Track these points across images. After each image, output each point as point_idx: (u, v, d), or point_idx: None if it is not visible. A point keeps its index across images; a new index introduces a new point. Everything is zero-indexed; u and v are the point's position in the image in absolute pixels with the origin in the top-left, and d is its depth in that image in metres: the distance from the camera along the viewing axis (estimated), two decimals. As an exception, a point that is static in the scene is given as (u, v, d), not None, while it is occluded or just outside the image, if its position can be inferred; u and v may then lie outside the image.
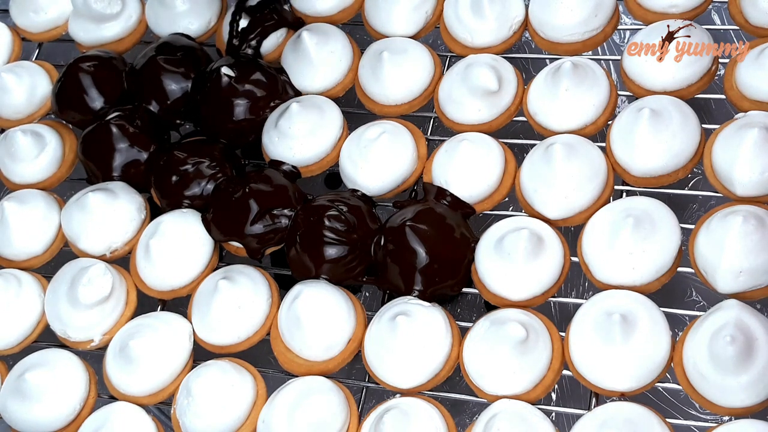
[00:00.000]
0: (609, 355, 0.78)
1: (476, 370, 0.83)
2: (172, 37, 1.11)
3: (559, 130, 0.93)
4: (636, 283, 0.82)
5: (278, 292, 0.94)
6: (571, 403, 0.88)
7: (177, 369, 0.91)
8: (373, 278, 0.92)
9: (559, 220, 0.89)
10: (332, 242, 0.90)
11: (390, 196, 0.97)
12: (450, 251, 0.89)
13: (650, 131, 0.87)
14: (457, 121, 0.98)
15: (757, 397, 0.74)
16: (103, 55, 1.12)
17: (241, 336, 0.91)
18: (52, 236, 1.03)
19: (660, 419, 0.76)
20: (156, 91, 1.07)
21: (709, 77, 0.92)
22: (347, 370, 0.92)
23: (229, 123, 1.03)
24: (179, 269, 0.96)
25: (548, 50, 1.01)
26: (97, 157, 1.05)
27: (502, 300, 0.86)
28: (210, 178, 1.00)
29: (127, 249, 1.00)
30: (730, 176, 0.84)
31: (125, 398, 0.91)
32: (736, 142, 0.84)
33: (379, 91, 1.01)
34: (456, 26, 1.02)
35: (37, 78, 1.14)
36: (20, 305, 0.98)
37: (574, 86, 0.92)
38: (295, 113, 0.99)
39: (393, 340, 0.84)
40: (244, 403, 0.87)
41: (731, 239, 0.79)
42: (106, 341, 0.95)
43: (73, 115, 1.10)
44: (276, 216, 0.95)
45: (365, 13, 1.08)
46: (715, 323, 0.76)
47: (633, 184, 0.90)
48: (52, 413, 0.91)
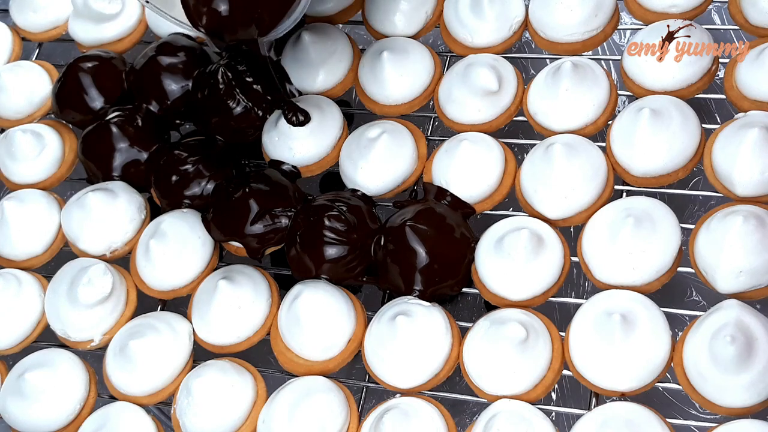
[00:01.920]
0: (609, 355, 0.78)
1: (476, 370, 0.83)
2: (172, 37, 1.11)
3: (559, 130, 0.93)
4: (636, 283, 0.82)
5: (278, 292, 0.94)
6: (571, 403, 0.88)
7: (177, 369, 0.91)
8: (373, 278, 0.92)
9: (559, 220, 0.89)
10: (332, 242, 0.90)
11: (390, 196, 0.97)
12: (450, 251, 0.89)
13: (650, 131, 0.87)
14: (457, 121, 0.98)
15: (757, 397, 0.74)
16: (103, 55, 1.12)
17: (241, 336, 0.91)
18: (52, 236, 1.03)
19: (660, 419, 0.76)
20: (156, 91, 1.07)
21: (709, 77, 0.92)
22: (347, 370, 0.92)
23: (230, 123, 1.03)
24: (179, 269, 0.96)
25: (548, 50, 1.01)
26: (97, 157, 1.05)
27: (502, 300, 0.86)
28: (210, 178, 1.00)
29: (127, 249, 1.00)
30: (730, 176, 0.84)
31: (125, 398, 0.91)
32: (736, 142, 0.84)
33: (379, 91, 1.01)
34: (456, 26, 1.02)
35: (37, 78, 1.14)
36: (20, 305, 0.98)
37: (574, 86, 0.92)
38: (295, 113, 0.99)
39: (393, 340, 0.84)
40: (244, 403, 0.87)
41: (731, 239, 0.79)
42: (106, 341, 0.95)
43: (73, 115, 1.10)
44: (276, 216, 0.95)
45: (365, 13, 1.08)
46: (715, 323, 0.76)
47: (633, 184, 0.90)
48: (52, 413, 0.91)
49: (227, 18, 0.89)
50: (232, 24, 0.90)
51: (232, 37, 0.91)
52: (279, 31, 0.91)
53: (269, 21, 0.90)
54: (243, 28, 0.90)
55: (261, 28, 0.90)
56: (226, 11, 0.89)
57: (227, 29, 0.91)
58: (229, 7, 0.89)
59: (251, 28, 0.90)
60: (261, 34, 0.91)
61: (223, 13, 0.89)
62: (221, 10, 0.89)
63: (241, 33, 0.91)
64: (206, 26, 0.91)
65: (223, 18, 0.89)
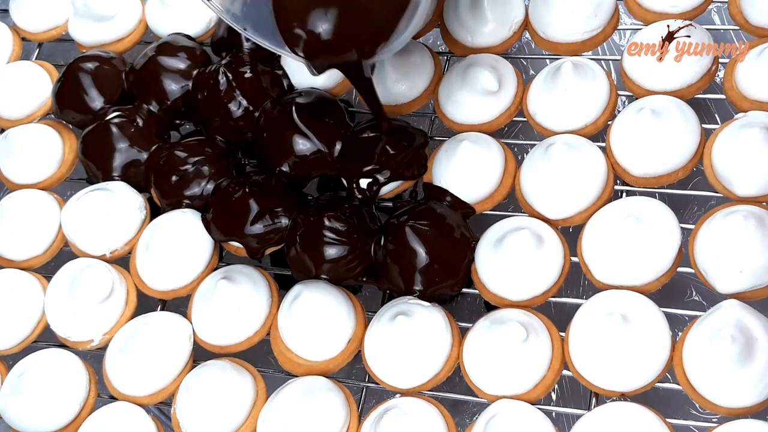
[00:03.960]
0: (609, 355, 0.78)
1: (476, 370, 0.83)
2: (172, 37, 1.11)
3: (559, 130, 0.93)
4: (636, 283, 0.82)
5: (278, 292, 0.94)
6: (571, 403, 0.88)
7: (177, 369, 0.91)
8: (373, 278, 0.92)
9: (559, 220, 0.89)
10: (332, 242, 0.90)
11: (390, 196, 0.97)
12: (450, 251, 0.89)
13: (650, 131, 0.87)
14: (457, 121, 0.98)
15: (758, 397, 0.74)
16: (103, 55, 1.12)
17: (241, 336, 0.91)
18: (52, 236, 1.03)
19: (660, 419, 0.76)
20: (156, 91, 1.07)
21: (709, 77, 0.92)
22: (347, 370, 0.92)
23: (229, 123, 1.03)
24: (179, 269, 0.96)
25: (548, 50, 1.01)
26: (97, 157, 1.05)
27: (502, 300, 0.86)
28: (210, 178, 1.00)
29: (127, 249, 1.00)
30: (730, 176, 0.84)
31: (125, 398, 0.91)
32: (736, 142, 0.84)
33: (380, 91, 1.01)
34: (456, 26, 1.02)
35: (37, 78, 1.14)
36: (20, 305, 0.98)
37: (574, 86, 0.92)
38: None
39: (393, 340, 0.84)
40: (244, 403, 0.87)
41: (731, 239, 0.79)
42: (106, 341, 0.95)
43: (73, 115, 1.10)
44: (276, 216, 0.95)
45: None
46: (715, 323, 0.76)
47: (633, 184, 0.90)
48: (52, 413, 0.91)
49: (329, 42, 0.85)
50: (336, 47, 0.85)
51: (335, 61, 0.87)
52: (389, 50, 0.86)
53: (374, 42, 0.85)
54: (346, 51, 0.86)
55: (364, 51, 0.86)
56: (328, 34, 0.84)
57: (330, 52, 0.86)
58: (332, 29, 0.84)
59: (352, 51, 0.86)
60: (364, 56, 0.86)
61: (324, 35, 0.85)
62: (322, 33, 0.85)
63: (344, 56, 0.86)
64: (306, 50, 0.87)
65: (324, 42, 0.85)
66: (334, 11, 0.85)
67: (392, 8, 0.85)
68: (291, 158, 0.98)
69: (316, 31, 0.86)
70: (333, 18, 0.85)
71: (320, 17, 0.85)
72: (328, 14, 0.85)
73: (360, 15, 0.86)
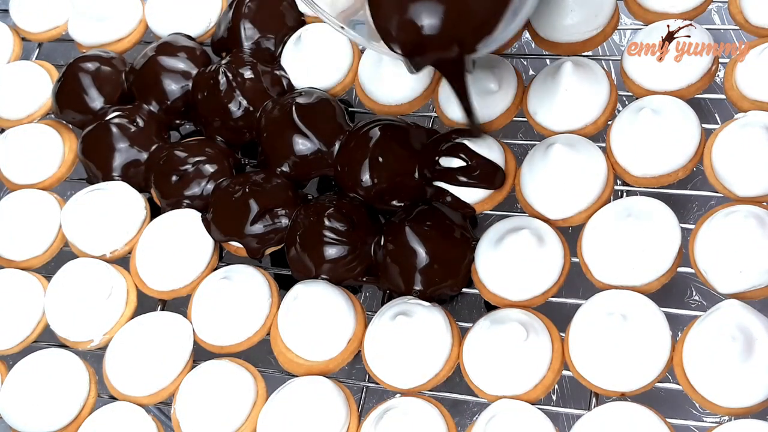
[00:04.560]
0: (609, 355, 0.78)
1: (476, 370, 0.83)
2: (172, 37, 1.11)
3: (559, 130, 0.93)
4: (636, 283, 0.82)
5: (278, 292, 0.94)
6: (571, 403, 0.88)
7: (177, 369, 0.91)
8: (373, 278, 0.92)
9: (559, 220, 0.89)
10: (332, 242, 0.90)
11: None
12: (450, 251, 0.89)
13: (650, 131, 0.87)
14: (457, 121, 0.98)
15: (758, 397, 0.74)
16: (103, 55, 1.12)
17: (241, 336, 0.91)
18: (52, 236, 1.03)
19: (660, 419, 0.76)
20: (156, 91, 1.07)
21: (709, 77, 0.92)
22: (347, 370, 0.92)
23: (229, 123, 1.03)
24: (179, 269, 0.96)
25: (548, 50, 1.01)
26: (97, 157, 1.05)
27: (502, 300, 0.86)
28: (210, 178, 1.00)
29: (127, 249, 1.00)
30: (730, 176, 0.84)
31: (125, 398, 0.91)
32: (736, 142, 0.84)
33: (379, 91, 1.01)
34: (456, 26, 1.02)
35: (37, 78, 1.14)
36: (20, 305, 0.98)
37: (574, 86, 0.92)
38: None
39: (393, 340, 0.84)
40: (244, 403, 0.87)
41: (731, 239, 0.79)
42: (106, 341, 0.95)
43: (73, 115, 1.10)
44: (276, 216, 0.95)
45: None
46: (715, 323, 0.76)
47: (633, 184, 0.90)
48: (52, 413, 0.91)
49: (431, 37, 0.80)
50: (438, 41, 0.81)
51: (437, 57, 0.83)
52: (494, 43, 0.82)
53: (477, 35, 0.81)
54: (448, 46, 0.81)
55: (465, 45, 0.81)
56: (431, 29, 0.80)
57: (432, 48, 0.81)
58: (435, 23, 0.80)
59: (454, 46, 0.81)
60: (466, 50, 0.81)
61: (427, 30, 0.80)
62: (425, 27, 0.80)
63: (446, 51, 0.82)
64: (405, 46, 0.82)
65: (426, 37, 0.80)
66: (436, 4, 0.80)
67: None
68: (291, 158, 0.98)
69: (418, 26, 0.81)
70: (436, 11, 0.80)
71: (422, 11, 0.81)
72: (431, 7, 0.80)
73: (464, 6, 0.81)
